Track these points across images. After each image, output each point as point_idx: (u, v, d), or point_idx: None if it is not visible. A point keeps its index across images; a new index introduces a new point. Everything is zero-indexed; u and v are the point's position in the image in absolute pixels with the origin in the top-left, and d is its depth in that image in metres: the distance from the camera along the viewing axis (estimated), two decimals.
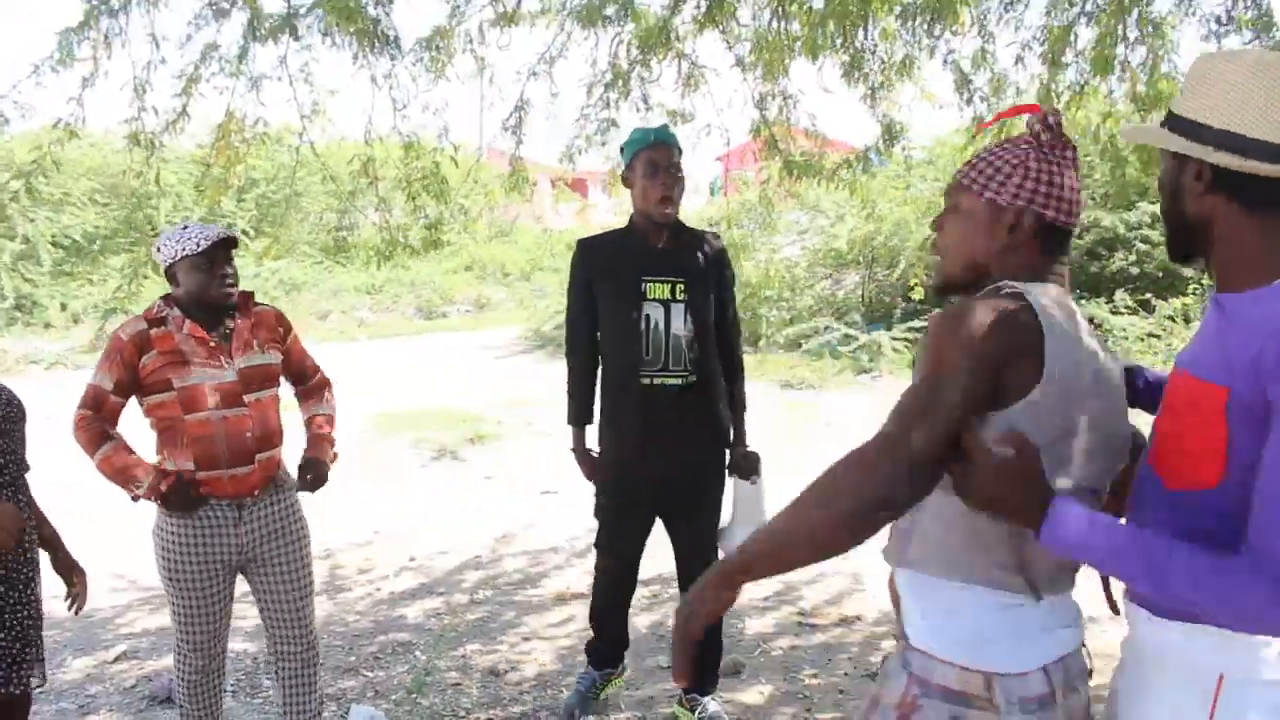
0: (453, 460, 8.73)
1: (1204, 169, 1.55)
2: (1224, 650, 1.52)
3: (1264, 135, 1.49)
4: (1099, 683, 1.81)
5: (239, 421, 3.14)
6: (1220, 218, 1.56)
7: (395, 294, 20.81)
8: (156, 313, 3.14)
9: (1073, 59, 4.83)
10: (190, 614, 3.22)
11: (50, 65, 3.93)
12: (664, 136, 3.56)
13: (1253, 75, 1.51)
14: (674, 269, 3.54)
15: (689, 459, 3.65)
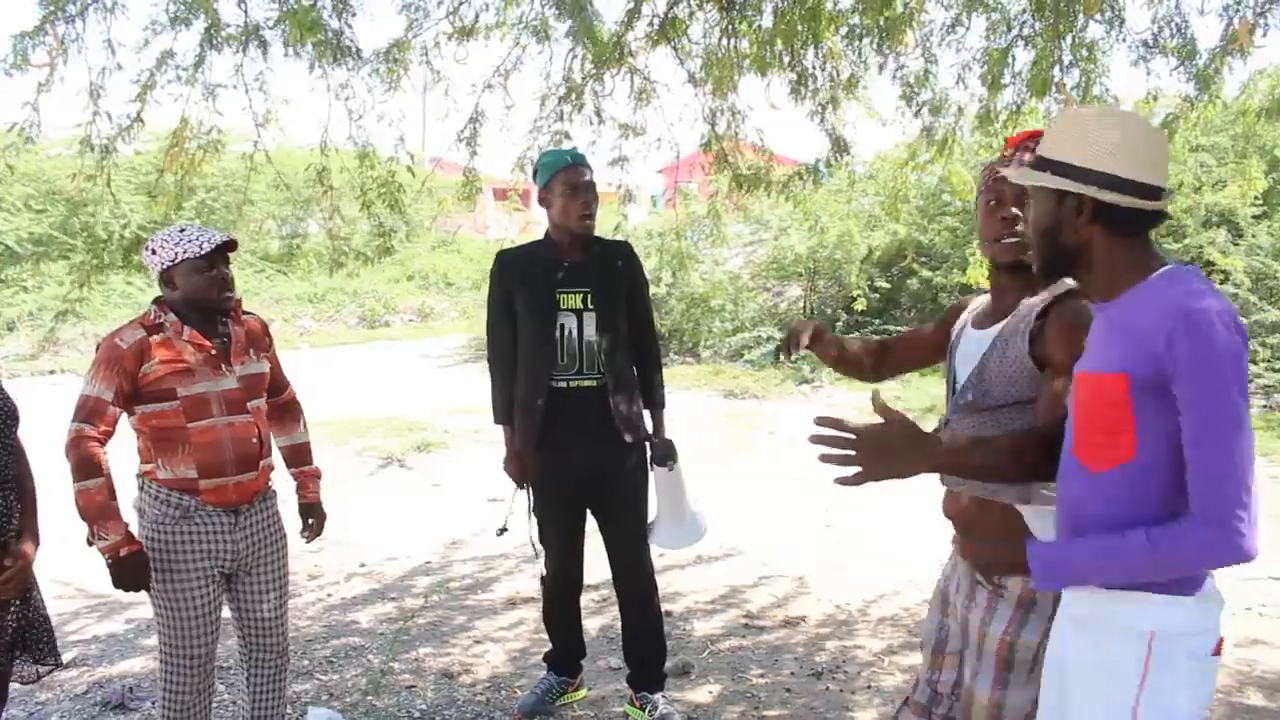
0: (400, 468, 8.75)
1: (1085, 204, 1.91)
2: (1150, 611, 1.87)
3: (1136, 177, 1.89)
4: None
5: (245, 428, 3.11)
6: (1096, 243, 1.94)
7: (338, 303, 20.67)
8: (154, 319, 3.06)
9: (1010, 80, 5.03)
10: (184, 628, 3.11)
11: (4, 69, 3.94)
12: (579, 158, 3.79)
13: (1114, 125, 1.92)
14: (584, 280, 3.77)
15: (606, 454, 3.82)
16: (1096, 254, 1.94)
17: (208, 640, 3.17)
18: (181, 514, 3.08)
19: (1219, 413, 1.77)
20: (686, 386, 12.33)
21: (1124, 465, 1.87)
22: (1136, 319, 1.86)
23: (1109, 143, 1.90)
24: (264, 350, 3.31)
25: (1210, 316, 1.77)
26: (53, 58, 3.94)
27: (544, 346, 3.74)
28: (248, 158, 4.78)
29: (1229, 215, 12.33)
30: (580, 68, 4.84)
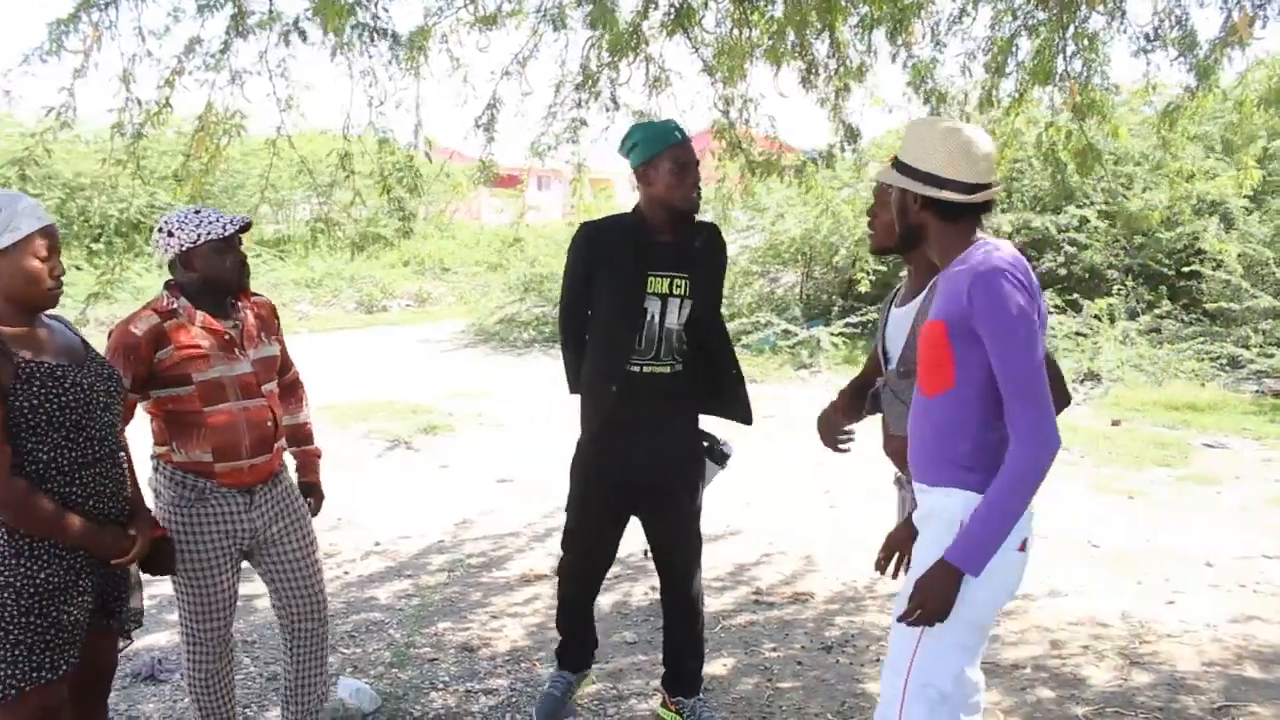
0: (407, 450, 8.85)
1: (917, 197, 2.46)
2: (958, 502, 2.41)
3: (955, 176, 2.42)
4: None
5: (260, 412, 3.16)
6: (930, 225, 2.49)
7: (335, 288, 20.74)
8: (166, 304, 3.08)
9: (1014, 69, 5.14)
10: (205, 605, 3.19)
11: (40, 56, 4.02)
12: (685, 135, 3.54)
13: (942, 137, 2.45)
14: (677, 264, 3.55)
15: (668, 443, 3.65)
16: (931, 234, 2.49)
17: (226, 615, 3.26)
18: (197, 495, 3.12)
19: (1011, 352, 2.28)
20: None
21: (948, 391, 2.40)
22: (953, 279, 2.38)
23: (934, 148, 2.43)
24: (274, 333, 3.36)
25: (997, 275, 2.29)
26: (86, 44, 4.03)
27: (627, 330, 3.52)
28: (271, 143, 4.87)
29: (1218, 204, 12.49)
30: (596, 56, 4.93)
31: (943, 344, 2.38)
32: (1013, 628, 4.77)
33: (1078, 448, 8.46)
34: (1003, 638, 4.65)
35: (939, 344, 2.39)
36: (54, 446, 2.53)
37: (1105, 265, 13.01)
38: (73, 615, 2.59)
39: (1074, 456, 8.22)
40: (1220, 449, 8.52)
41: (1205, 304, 12.25)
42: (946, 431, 2.43)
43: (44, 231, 2.53)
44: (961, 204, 2.43)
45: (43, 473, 2.52)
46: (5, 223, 2.46)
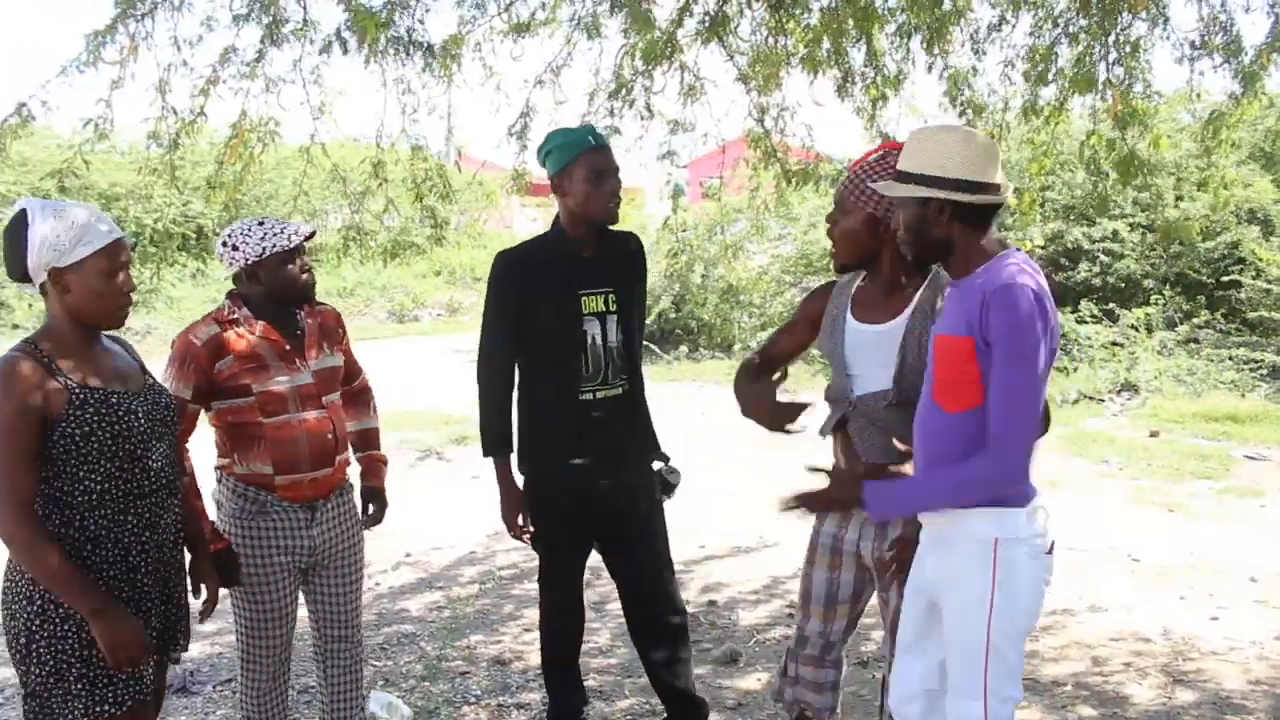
0: (439, 460, 8.84)
1: (945, 206, 2.36)
2: (991, 521, 2.40)
3: (982, 178, 2.36)
4: None
5: (320, 424, 3.10)
6: (957, 235, 2.39)
7: (367, 298, 20.81)
8: (227, 314, 3.06)
9: (1054, 77, 5.06)
10: (263, 621, 3.16)
11: (78, 67, 4.04)
12: (602, 140, 3.35)
13: (966, 143, 2.37)
14: (604, 279, 3.36)
15: (631, 468, 3.46)
16: (958, 245, 2.40)
17: (284, 631, 3.23)
18: (258, 509, 3.10)
19: (1014, 368, 2.28)
20: (718, 381, 12.38)
21: (973, 408, 2.36)
22: (974, 290, 2.34)
23: (955, 152, 2.35)
24: (337, 342, 3.30)
25: (1019, 289, 2.26)
26: (124, 55, 4.04)
27: (571, 357, 3.30)
28: (304, 150, 4.87)
29: (1257, 212, 12.31)
30: (630, 64, 4.91)
31: (969, 359, 2.34)
32: (1052, 643, 4.69)
33: (1116, 459, 8.33)
34: (1042, 654, 4.57)
35: (965, 359, 2.35)
36: (107, 476, 2.45)
37: (1142, 274, 12.84)
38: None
39: (1112, 468, 8.10)
40: (1263, 461, 8.37)
41: (1245, 313, 12.05)
42: (974, 448, 2.38)
43: (114, 246, 2.46)
44: (988, 206, 2.40)
45: (95, 502, 2.45)
46: (78, 236, 2.40)
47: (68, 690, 2.43)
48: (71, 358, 2.46)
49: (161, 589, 2.61)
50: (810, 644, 3.01)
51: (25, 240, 2.41)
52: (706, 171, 15.74)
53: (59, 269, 2.42)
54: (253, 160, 4.67)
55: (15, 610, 2.47)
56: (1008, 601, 2.40)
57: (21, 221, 2.43)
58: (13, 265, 2.47)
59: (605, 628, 4.91)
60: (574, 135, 3.34)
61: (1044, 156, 5.42)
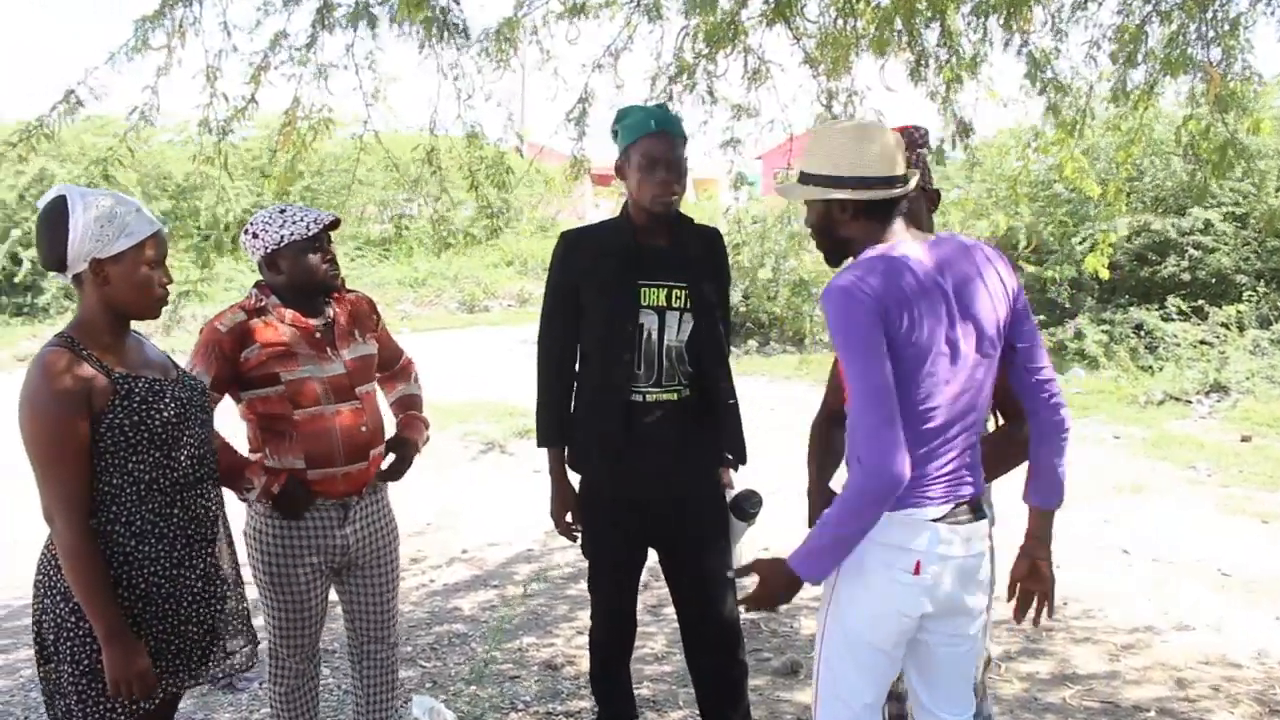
0: (501, 454, 8.75)
1: (848, 205, 2.28)
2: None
3: (883, 174, 2.25)
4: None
5: (354, 415, 3.00)
6: (859, 234, 2.30)
7: (438, 288, 20.87)
8: (255, 303, 2.98)
9: (1144, 58, 4.75)
10: (293, 618, 3.08)
11: (126, 53, 3.95)
12: (667, 123, 3.08)
13: (865, 140, 2.27)
14: (673, 271, 3.09)
15: (688, 483, 3.18)
16: (860, 241, 2.30)
17: (313, 631, 3.15)
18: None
19: (848, 369, 2.17)
20: (788, 376, 12.16)
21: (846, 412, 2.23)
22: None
23: (853, 151, 2.26)
24: (370, 330, 3.19)
25: (836, 290, 2.17)
26: (171, 40, 3.95)
27: (622, 352, 3.06)
28: (357, 139, 4.76)
29: None
30: (692, 47, 4.70)
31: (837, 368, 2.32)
32: (1134, 664, 4.41)
33: (1203, 465, 7.94)
34: (1123, 675, 4.29)
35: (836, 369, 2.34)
36: (155, 465, 2.40)
37: (1234, 269, 12.29)
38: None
39: (1199, 475, 7.72)
40: None
41: None
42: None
43: (156, 237, 2.43)
44: (886, 201, 2.28)
45: (144, 494, 2.39)
46: (121, 228, 2.35)
47: (102, 689, 2.35)
48: (108, 349, 2.41)
49: (205, 585, 2.52)
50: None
51: (65, 229, 2.34)
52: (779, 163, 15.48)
53: (99, 260, 2.36)
54: (305, 148, 4.55)
55: (47, 604, 2.40)
56: (847, 597, 2.31)
57: (61, 210, 2.35)
58: (49, 254, 2.39)
59: (661, 633, 4.74)
60: (638, 117, 3.10)
61: (1131, 144, 5.10)
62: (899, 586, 2.27)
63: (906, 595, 2.27)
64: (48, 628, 2.40)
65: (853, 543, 2.21)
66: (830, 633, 2.36)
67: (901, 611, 2.29)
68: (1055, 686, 4.18)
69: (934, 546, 2.26)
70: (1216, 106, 4.37)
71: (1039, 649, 4.56)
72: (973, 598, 2.36)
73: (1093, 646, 4.60)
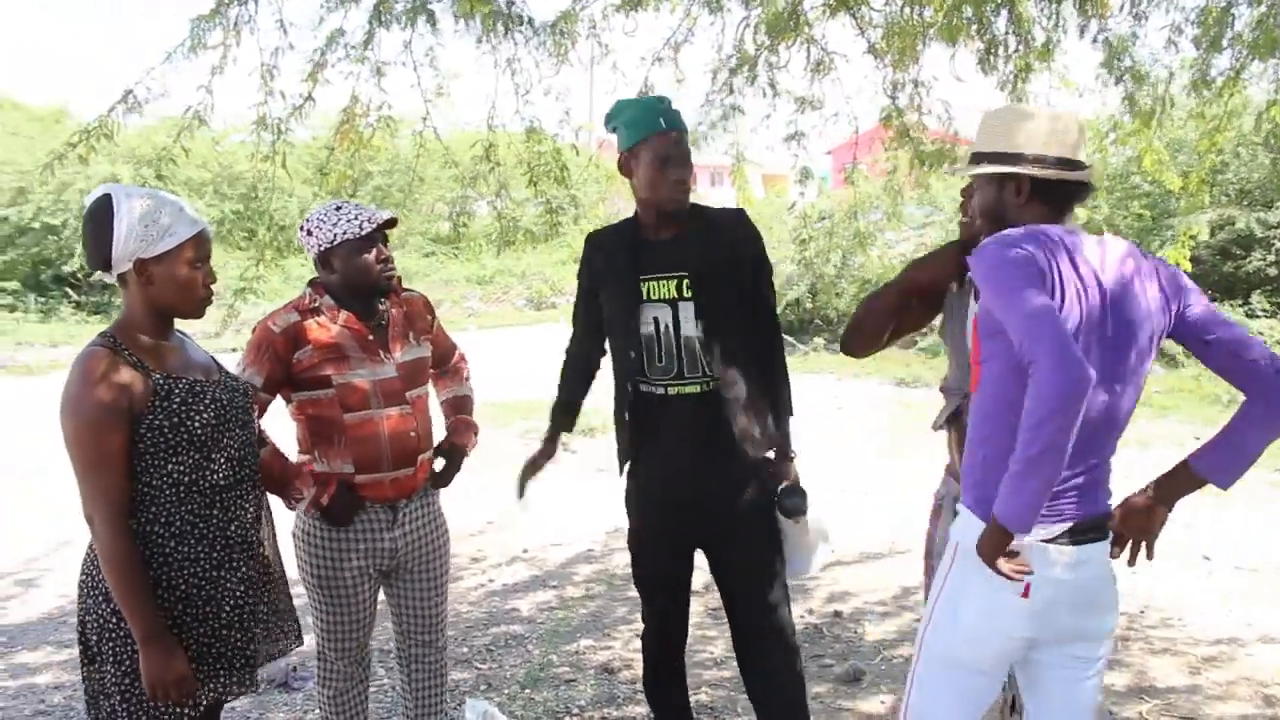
0: (563, 451, 8.67)
1: (1022, 183, 2.20)
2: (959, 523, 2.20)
3: (1060, 154, 2.18)
4: None
5: (403, 420, 2.95)
6: (1031, 218, 2.19)
7: (505, 284, 21.00)
8: (309, 303, 2.93)
9: (1229, 42, 4.53)
10: (341, 621, 3.05)
11: (182, 52, 3.95)
12: (675, 120, 3.00)
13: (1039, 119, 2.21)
14: (678, 263, 3.00)
15: (719, 477, 3.06)
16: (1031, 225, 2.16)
17: (361, 635, 3.11)
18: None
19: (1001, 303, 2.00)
20: (855, 374, 11.97)
21: (975, 394, 2.17)
22: None
23: (1033, 128, 2.19)
24: (425, 331, 3.14)
25: (980, 252, 2.07)
26: (226, 38, 3.94)
27: (628, 347, 3.03)
28: (418, 136, 4.73)
29: None
30: (754, 38, 4.59)
31: (975, 339, 2.19)
32: (1218, 678, 4.21)
33: None
34: (1205, 689, 4.10)
35: (974, 340, 2.20)
36: (194, 467, 2.37)
37: None
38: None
39: None
40: None
41: None
42: (971, 437, 2.20)
43: (200, 237, 2.40)
44: (1066, 187, 2.20)
45: (183, 496, 2.36)
46: (165, 228, 2.33)
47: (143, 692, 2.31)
48: (151, 349, 2.39)
49: (247, 588, 2.48)
50: None
51: (110, 229, 2.32)
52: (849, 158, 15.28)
53: (144, 260, 2.34)
54: (363, 145, 4.53)
55: (90, 605, 2.38)
56: (945, 619, 2.21)
57: (106, 209, 2.33)
58: (94, 254, 2.38)
59: (721, 637, 4.63)
60: (643, 114, 3.01)
61: (1216, 133, 4.87)
62: (1005, 608, 2.13)
63: (1012, 617, 2.14)
64: (91, 628, 2.38)
65: (1046, 474, 1.91)
66: (927, 651, 2.25)
67: (1005, 633, 2.16)
68: (1132, 700, 4.01)
69: (1046, 570, 2.10)
70: None
71: (1115, 659, 4.37)
72: (1094, 621, 2.20)
73: (1172, 658, 4.41)
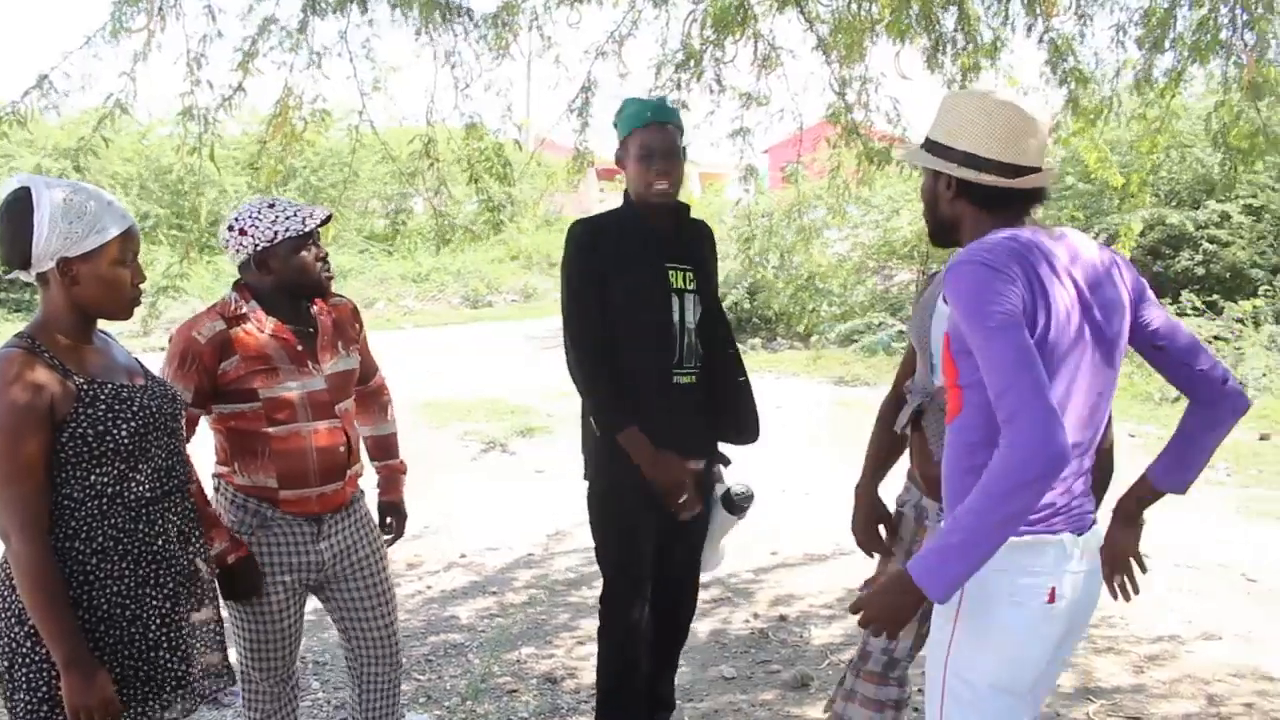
0: (502, 453, 8.56)
1: (951, 181, 2.07)
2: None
3: (994, 155, 2.01)
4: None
5: (332, 435, 2.79)
6: (965, 218, 2.09)
7: (441, 283, 20.73)
8: (234, 309, 2.74)
9: (1172, 43, 4.55)
10: (265, 638, 2.87)
11: (103, 37, 3.77)
12: (664, 115, 3.09)
13: (985, 111, 2.03)
14: (687, 255, 3.17)
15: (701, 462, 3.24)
16: (965, 226, 2.09)
17: (286, 654, 2.93)
18: (260, 522, 2.79)
19: (978, 341, 1.87)
20: (795, 373, 11.98)
21: (957, 417, 2.01)
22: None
23: (970, 122, 2.04)
24: (353, 341, 2.98)
25: (965, 263, 1.90)
26: (150, 23, 3.76)
27: (662, 335, 3.08)
28: (353, 130, 4.58)
29: None
30: (700, 33, 4.51)
31: (948, 361, 2.04)
32: (1161, 676, 4.21)
33: (1221, 464, 7.74)
34: (1149, 689, 4.10)
35: (946, 361, 2.05)
36: (119, 478, 2.21)
37: (1250, 264, 12.08)
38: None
39: (1219, 475, 7.52)
40: None
41: None
42: (960, 465, 2.02)
43: (127, 234, 2.23)
44: (1002, 191, 2.03)
45: (106, 509, 2.20)
46: (92, 224, 2.16)
47: None
48: (73, 352, 2.22)
49: (172, 605, 2.32)
50: (873, 660, 2.79)
51: (30, 224, 2.14)
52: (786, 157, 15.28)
53: (68, 258, 2.16)
54: (295, 139, 4.37)
55: (1, 629, 2.21)
56: (970, 644, 2.02)
57: (25, 203, 2.15)
58: (10, 251, 2.19)
59: None
60: (637, 108, 3.15)
61: (1158, 133, 4.89)
62: (1035, 620, 1.99)
63: (1045, 628, 2.01)
64: (2, 654, 2.21)
65: (994, 544, 1.83)
66: (952, 689, 2.06)
67: (1042, 649, 2.03)
68: (1078, 701, 3.99)
69: (1063, 564, 2.01)
70: (1250, 93, 4.17)
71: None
72: (1087, 615, 2.14)
73: (1116, 657, 4.41)
